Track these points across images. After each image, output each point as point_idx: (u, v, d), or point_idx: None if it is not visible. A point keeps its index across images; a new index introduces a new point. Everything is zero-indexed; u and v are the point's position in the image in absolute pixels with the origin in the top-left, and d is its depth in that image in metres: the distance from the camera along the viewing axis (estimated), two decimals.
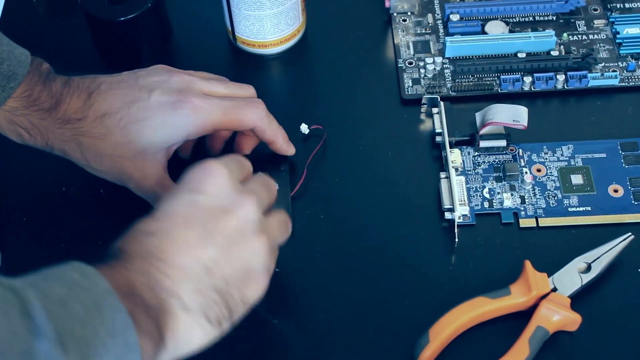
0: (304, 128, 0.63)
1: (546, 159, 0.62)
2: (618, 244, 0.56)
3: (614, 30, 0.69)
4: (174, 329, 0.44)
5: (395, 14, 0.72)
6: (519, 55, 0.67)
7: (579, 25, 0.70)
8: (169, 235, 0.45)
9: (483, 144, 0.62)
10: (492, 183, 0.61)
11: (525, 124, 0.60)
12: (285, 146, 0.61)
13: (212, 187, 0.47)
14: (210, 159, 0.49)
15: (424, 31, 0.70)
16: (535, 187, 0.60)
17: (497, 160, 0.62)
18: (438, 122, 0.63)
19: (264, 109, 0.58)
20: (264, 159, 0.61)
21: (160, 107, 0.55)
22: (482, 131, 0.62)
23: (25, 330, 0.36)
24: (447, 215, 0.59)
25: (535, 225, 0.59)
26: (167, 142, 0.56)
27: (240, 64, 0.71)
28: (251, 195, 0.48)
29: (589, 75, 0.65)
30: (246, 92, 0.60)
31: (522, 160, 0.62)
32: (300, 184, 0.61)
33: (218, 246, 0.46)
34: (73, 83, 0.56)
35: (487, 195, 0.60)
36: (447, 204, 0.59)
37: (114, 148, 0.55)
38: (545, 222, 0.59)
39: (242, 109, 0.57)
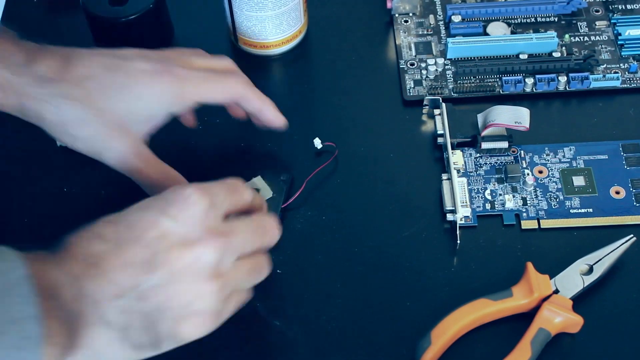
0: (317, 143, 0.63)
1: (548, 160, 0.62)
2: (620, 245, 0.55)
3: (615, 32, 0.69)
4: (88, 339, 0.42)
5: (396, 15, 0.72)
6: (521, 56, 0.67)
7: (580, 26, 0.70)
8: (117, 248, 0.43)
9: (485, 145, 0.62)
10: (494, 184, 0.61)
11: (527, 126, 0.60)
12: (275, 115, 0.59)
13: (182, 215, 0.44)
14: (196, 185, 0.46)
15: (425, 32, 0.70)
16: (537, 188, 0.60)
17: (498, 162, 0.62)
18: (440, 123, 0.63)
19: (247, 78, 0.57)
20: (265, 165, 0.61)
21: (142, 75, 0.54)
22: (484, 133, 0.62)
23: None
24: (449, 216, 0.59)
25: (537, 227, 0.59)
26: (150, 113, 0.54)
27: (241, 65, 0.71)
28: (221, 237, 0.45)
29: (591, 76, 0.65)
30: (225, 63, 0.58)
31: (523, 161, 0.62)
32: (295, 197, 0.60)
33: (162, 276, 0.43)
34: (46, 47, 0.54)
35: (489, 197, 0.60)
36: (448, 206, 0.59)
37: (94, 113, 0.53)
38: (547, 223, 0.59)
39: (225, 77, 0.56)
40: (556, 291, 0.54)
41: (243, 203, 0.49)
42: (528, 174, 0.61)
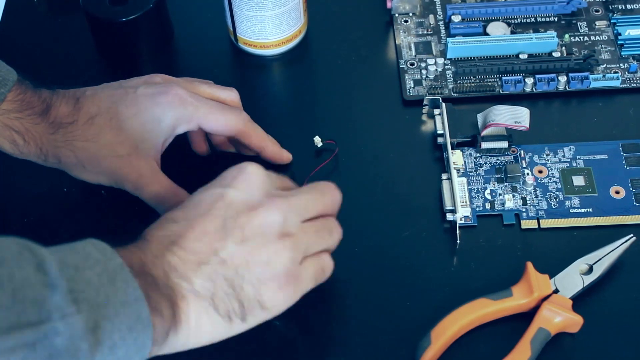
0: (317, 141, 0.63)
1: (548, 160, 0.62)
2: (620, 245, 0.55)
3: (615, 32, 0.69)
4: (185, 311, 0.45)
5: (396, 15, 0.72)
6: (521, 56, 0.67)
7: (580, 26, 0.70)
8: (189, 223, 0.47)
9: (485, 145, 0.62)
10: (494, 184, 0.61)
11: (527, 126, 0.60)
12: (277, 151, 0.61)
13: (244, 184, 0.48)
14: (250, 162, 0.50)
15: (425, 32, 0.70)
16: (537, 188, 0.60)
17: (498, 162, 0.62)
18: (439, 123, 0.63)
19: (247, 116, 0.59)
20: (266, 166, 0.60)
21: (146, 100, 0.56)
22: (484, 132, 0.62)
23: (40, 283, 0.38)
24: (449, 216, 0.59)
25: (536, 226, 0.59)
26: (158, 136, 0.57)
27: (241, 65, 0.71)
28: (280, 199, 0.48)
29: (591, 76, 0.65)
30: (230, 94, 0.60)
31: (523, 161, 0.62)
32: None
33: (235, 239, 0.46)
34: (59, 92, 0.57)
35: (489, 197, 0.60)
36: (448, 205, 0.59)
37: (108, 148, 0.56)
38: (546, 223, 0.59)
39: (226, 110, 0.58)
40: (556, 291, 0.54)
41: (292, 186, 0.52)
42: (528, 174, 0.61)
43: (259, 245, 0.47)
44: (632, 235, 0.56)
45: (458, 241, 0.58)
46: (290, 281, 0.48)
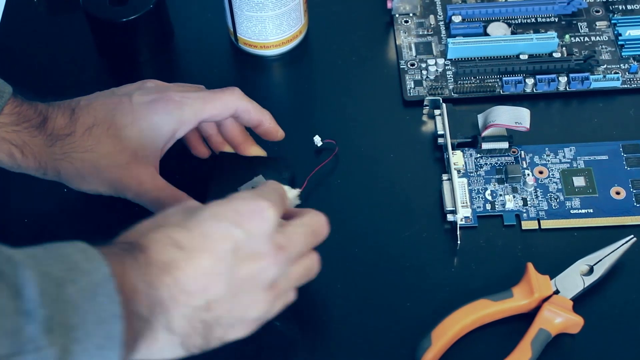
0: (317, 140, 0.63)
1: (548, 161, 0.62)
2: (620, 246, 0.55)
3: (616, 32, 0.69)
4: (149, 343, 0.43)
5: (397, 15, 0.72)
6: (521, 56, 0.67)
7: (581, 27, 0.70)
8: (194, 258, 0.44)
9: (485, 145, 0.62)
10: (494, 185, 0.61)
11: (528, 126, 0.60)
12: (273, 126, 0.60)
13: (254, 228, 0.46)
14: (265, 195, 0.48)
15: (426, 32, 0.70)
16: (538, 189, 0.60)
17: (499, 162, 0.62)
18: (440, 123, 0.63)
19: (242, 93, 0.59)
20: (266, 164, 0.60)
21: (142, 108, 0.56)
22: (484, 133, 0.62)
23: (15, 311, 0.37)
24: (449, 217, 0.59)
25: (537, 227, 0.59)
26: (156, 143, 0.57)
27: (241, 65, 0.71)
28: (284, 252, 0.46)
29: (591, 77, 0.65)
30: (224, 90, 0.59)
31: (524, 162, 0.62)
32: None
33: (228, 287, 0.45)
34: (54, 104, 0.57)
35: (489, 197, 0.60)
36: (449, 206, 0.59)
37: (107, 158, 0.55)
38: (547, 224, 0.59)
39: (222, 92, 0.58)
40: (556, 292, 0.54)
41: (285, 200, 0.51)
42: (528, 175, 0.61)
43: (245, 294, 0.46)
44: (632, 236, 0.56)
45: (458, 242, 0.58)
46: (256, 324, 0.48)
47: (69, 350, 0.38)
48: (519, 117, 0.60)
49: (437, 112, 0.64)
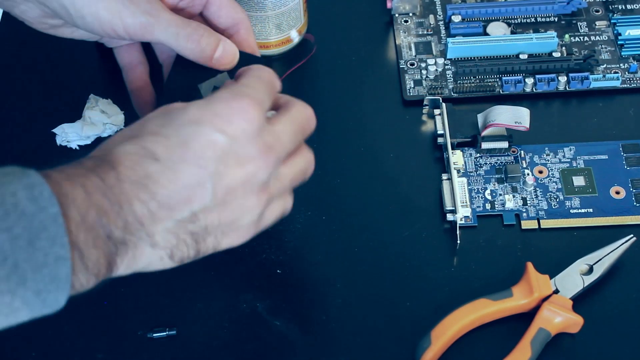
0: (294, 35, 0.59)
1: (548, 160, 0.62)
2: (620, 245, 0.55)
3: (615, 32, 0.69)
4: (132, 259, 0.41)
5: (396, 15, 0.72)
6: (521, 56, 0.67)
7: (580, 26, 0.70)
8: (173, 170, 0.41)
9: (485, 145, 0.62)
10: (494, 185, 0.61)
11: (527, 126, 0.60)
12: (252, 40, 0.54)
13: (238, 131, 0.42)
14: (248, 95, 0.43)
15: (425, 32, 0.70)
16: (537, 188, 0.60)
17: (498, 162, 0.62)
18: (440, 123, 0.63)
19: None
20: (243, 63, 0.53)
21: None
22: (484, 133, 0.62)
23: None
24: (449, 216, 0.59)
25: (537, 227, 0.59)
26: None
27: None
28: (273, 153, 0.43)
29: (591, 76, 0.65)
30: None
31: (523, 161, 0.62)
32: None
33: (214, 196, 0.42)
34: None
35: (489, 197, 0.60)
36: (448, 206, 0.59)
37: None
38: (547, 223, 0.59)
39: None
40: (556, 291, 0.54)
41: (276, 90, 0.47)
42: (528, 174, 0.61)
43: (236, 203, 0.43)
44: (632, 235, 0.56)
45: (458, 241, 0.58)
46: (251, 231, 0.45)
47: None
48: (518, 116, 0.60)
49: (436, 111, 0.64)
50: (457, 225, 0.58)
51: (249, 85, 0.45)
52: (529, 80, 0.66)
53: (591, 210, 0.59)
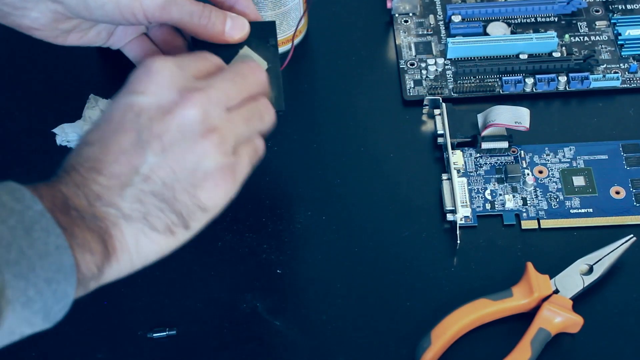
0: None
1: (548, 160, 0.62)
2: (620, 245, 0.56)
3: (615, 32, 0.69)
4: (120, 239, 0.42)
5: (396, 15, 0.72)
6: (521, 56, 0.67)
7: (580, 26, 0.70)
8: (104, 143, 0.43)
9: (485, 145, 0.62)
10: (494, 185, 0.61)
11: (527, 126, 0.60)
12: (253, 7, 0.55)
13: (152, 86, 0.44)
14: (156, 56, 0.46)
15: (425, 32, 0.70)
16: (537, 188, 0.60)
17: (499, 162, 0.62)
18: (440, 123, 0.63)
19: None
20: (250, 31, 0.54)
21: None
22: (484, 133, 0.62)
23: None
24: (449, 216, 0.59)
25: (537, 227, 0.59)
26: None
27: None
28: (197, 92, 0.44)
29: (591, 76, 0.65)
30: None
31: (523, 161, 0.62)
32: (289, 59, 0.58)
33: (154, 151, 0.43)
34: None
35: (489, 197, 0.60)
36: (448, 206, 0.59)
37: None
38: (547, 223, 0.59)
39: None
40: (556, 291, 0.54)
41: (214, 65, 0.48)
42: (528, 174, 0.61)
43: (183, 150, 0.43)
44: (632, 235, 0.56)
45: (458, 241, 0.58)
46: (226, 175, 0.45)
47: (9, 285, 0.37)
48: (518, 116, 0.60)
49: (436, 111, 0.64)
50: (457, 225, 0.58)
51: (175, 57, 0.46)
52: (529, 80, 0.66)
53: (591, 210, 0.59)
